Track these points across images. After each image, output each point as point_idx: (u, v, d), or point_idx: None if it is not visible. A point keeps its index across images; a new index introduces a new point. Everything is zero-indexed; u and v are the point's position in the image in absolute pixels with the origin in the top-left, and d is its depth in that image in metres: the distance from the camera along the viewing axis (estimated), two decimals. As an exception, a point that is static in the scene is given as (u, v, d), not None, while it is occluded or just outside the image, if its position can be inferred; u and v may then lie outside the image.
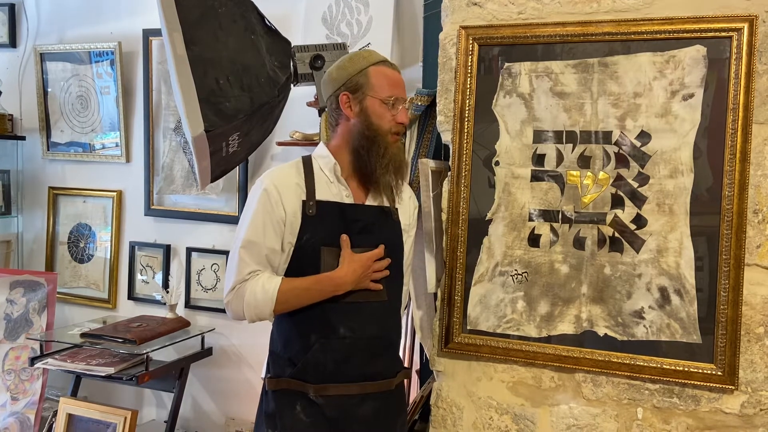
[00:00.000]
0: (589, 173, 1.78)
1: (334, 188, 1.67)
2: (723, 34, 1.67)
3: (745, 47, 1.64)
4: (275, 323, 1.73)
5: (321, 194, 1.65)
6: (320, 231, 1.62)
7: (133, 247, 3.27)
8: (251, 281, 1.60)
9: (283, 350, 1.67)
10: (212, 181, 2.35)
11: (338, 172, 1.67)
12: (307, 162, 1.70)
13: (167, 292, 3.04)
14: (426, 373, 2.24)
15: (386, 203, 1.72)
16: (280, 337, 1.69)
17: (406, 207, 1.79)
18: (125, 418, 2.67)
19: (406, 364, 2.32)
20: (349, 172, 1.69)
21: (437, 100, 1.94)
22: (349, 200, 1.67)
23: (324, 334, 1.61)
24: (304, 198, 1.63)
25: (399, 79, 1.70)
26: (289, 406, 1.62)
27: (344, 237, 1.62)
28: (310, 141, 2.70)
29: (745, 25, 1.65)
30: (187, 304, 3.13)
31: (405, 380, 1.82)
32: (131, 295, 3.29)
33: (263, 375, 1.72)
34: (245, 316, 1.62)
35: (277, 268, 1.65)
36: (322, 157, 1.70)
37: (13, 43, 3.51)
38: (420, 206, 1.85)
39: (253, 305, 1.60)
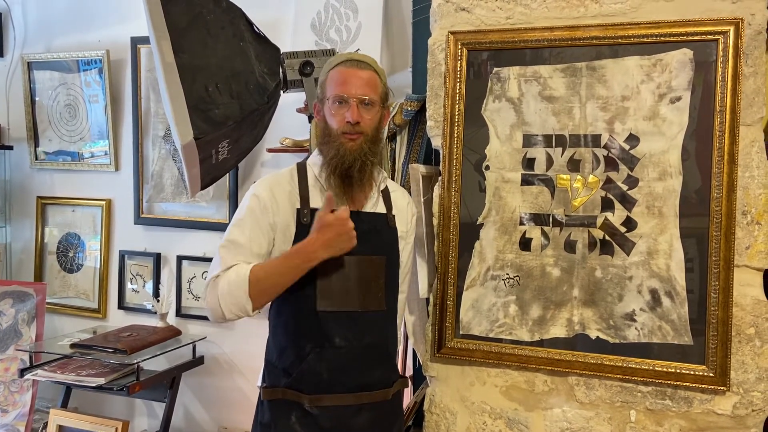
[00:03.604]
0: (578, 176, 1.79)
1: None
2: (709, 37, 1.68)
3: (731, 50, 1.66)
4: (271, 332, 1.70)
5: (315, 202, 1.63)
6: None
7: (122, 256, 3.25)
8: (224, 273, 1.56)
9: (278, 360, 1.64)
10: (202, 189, 2.34)
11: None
12: (302, 169, 1.68)
13: (158, 300, 3.01)
14: (419, 379, 2.23)
15: (382, 210, 1.71)
16: (275, 347, 1.67)
17: (403, 214, 1.76)
18: (116, 428, 2.65)
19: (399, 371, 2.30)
20: None
21: (427, 106, 1.94)
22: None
23: (319, 344, 1.59)
24: (299, 206, 1.61)
25: (352, 75, 1.58)
26: (284, 417, 1.60)
27: (328, 195, 1.54)
28: (300, 147, 2.70)
29: (731, 28, 1.66)
30: (178, 313, 3.11)
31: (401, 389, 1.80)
32: (121, 305, 3.26)
33: (258, 383, 1.71)
34: (222, 309, 1.55)
35: None
36: (317, 164, 1.68)
37: (-1, 51, 3.49)
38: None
39: (227, 293, 1.53)
